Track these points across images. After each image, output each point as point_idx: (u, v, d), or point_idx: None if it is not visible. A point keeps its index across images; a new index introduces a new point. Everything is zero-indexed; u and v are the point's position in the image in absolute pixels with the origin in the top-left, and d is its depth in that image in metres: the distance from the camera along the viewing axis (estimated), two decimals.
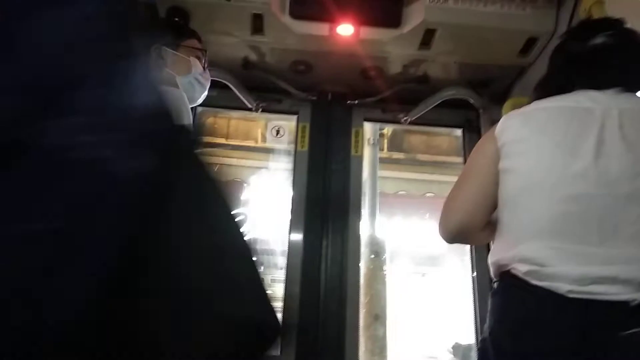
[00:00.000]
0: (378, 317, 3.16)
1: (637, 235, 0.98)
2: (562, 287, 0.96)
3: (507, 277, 1.07)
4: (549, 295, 0.97)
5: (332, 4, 2.07)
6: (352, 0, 2.06)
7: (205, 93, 1.59)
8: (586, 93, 1.16)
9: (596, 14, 1.69)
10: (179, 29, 1.54)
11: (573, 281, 0.96)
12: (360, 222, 2.50)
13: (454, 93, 2.40)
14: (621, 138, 1.06)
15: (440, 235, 1.26)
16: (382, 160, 4.37)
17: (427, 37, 2.14)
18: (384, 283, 3.33)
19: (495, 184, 1.15)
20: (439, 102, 2.41)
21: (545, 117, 1.15)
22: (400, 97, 2.46)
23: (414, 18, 2.07)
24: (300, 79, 2.44)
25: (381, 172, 4.07)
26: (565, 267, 0.98)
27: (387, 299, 3.30)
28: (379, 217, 3.86)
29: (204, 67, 1.56)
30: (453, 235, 1.24)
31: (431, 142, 7.49)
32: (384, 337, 3.17)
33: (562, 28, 2.05)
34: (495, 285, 1.15)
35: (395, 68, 2.36)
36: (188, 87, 1.49)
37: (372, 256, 3.39)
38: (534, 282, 1.00)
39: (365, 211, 3.87)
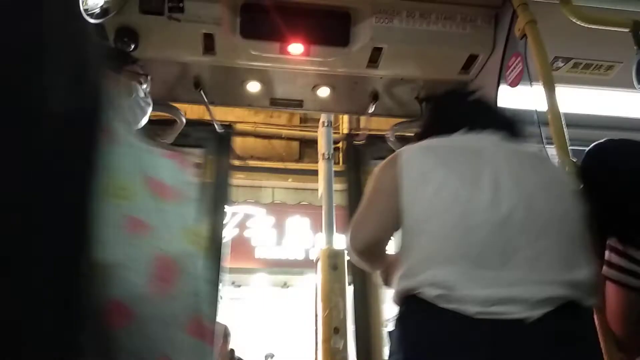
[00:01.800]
0: (338, 330, 3.19)
1: (529, 260, 1.11)
2: (470, 309, 1.04)
3: (414, 301, 1.12)
4: (459, 317, 1.04)
5: (282, 23, 2.12)
6: (302, 19, 2.11)
7: (146, 118, 1.61)
8: (474, 135, 1.34)
9: (529, 33, 1.81)
10: (122, 54, 1.56)
11: (479, 303, 1.05)
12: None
13: (401, 109, 2.49)
14: (509, 175, 1.21)
15: (350, 249, 1.32)
16: (338, 174, 4.43)
17: (375, 55, 2.21)
18: (343, 296, 3.36)
19: (398, 209, 1.23)
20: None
21: (446, 152, 1.29)
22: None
23: (362, 37, 2.15)
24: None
25: (337, 186, 4.14)
26: (471, 290, 1.06)
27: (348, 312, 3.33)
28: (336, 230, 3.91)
29: (145, 93, 1.57)
30: (362, 250, 1.31)
31: (386, 155, 7.69)
32: (344, 350, 3.20)
33: (500, 45, 2.18)
34: (402, 310, 1.20)
35: (344, 86, 2.42)
36: (129, 110, 1.50)
37: (331, 269, 3.42)
38: (444, 305, 1.07)
39: (323, 225, 3.92)
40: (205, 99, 2.38)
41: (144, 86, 1.57)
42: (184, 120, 2.42)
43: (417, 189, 1.21)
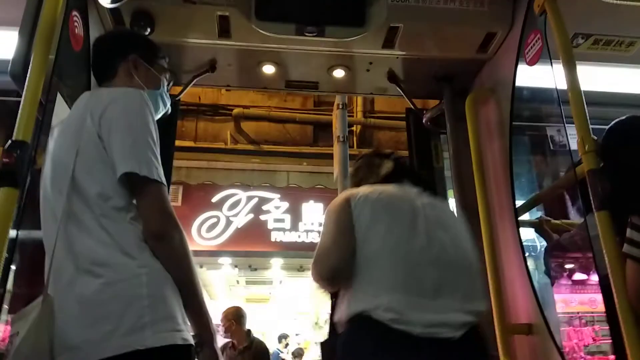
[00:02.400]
0: None
1: (452, 293, 1.41)
2: (415, 330, 1.33)
3: (368, 321, 1.36)
4: (408, 336, 1.33)
5: (297, 4, 2.11)
6: (317, 0, 2.09)
7: (163, 113, 1.63)
8: (402, 186, 1.62)
9: (549, 9, 1.77)
10: (154, 47, 1.57)
11: (421, 325, 1.34)
12: None
13: (418, 89, 2.46)
14: (435, 222, 1.51)
15: (315, 278, 1.53)
16: (352, 157, 4.43)
17: (391, 35, 2.19)
18: None
19: (354, 245, 1.47)
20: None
21: (389, 199, 1.54)
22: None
23: (378, 16, 2.12)
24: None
25: (352, 169, 4.14)
26: (415, 315, 1.35)
27: None
28: None
29: (167, 91, 1.60)
30: (327, 278, 1.51)
31: (399, 138, 7.62)
32: None
33: (519, 23, 2.14)
34: (352, 326, 1.41)
35: (360, 66, 2.40)
36: (153, 102, 1.52)
37: None
38: (396, 326, 1.34)
39: None
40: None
41: (167, 84, 1.59)
42: None
43: (370, 230, 1.47)
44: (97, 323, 1.09)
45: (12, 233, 1.46)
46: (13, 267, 1.58)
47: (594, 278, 2.78)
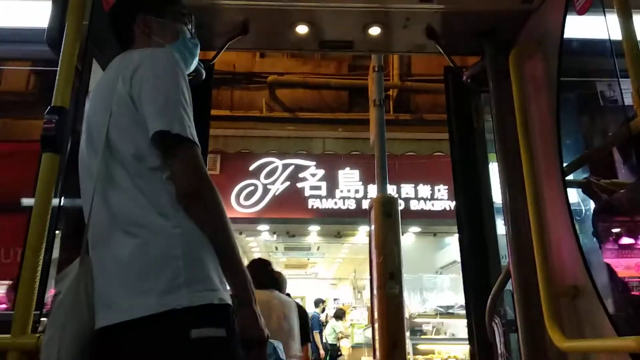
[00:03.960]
0: (393, 276, 3.20)
1: None
2: None
3: None
4: None
5: None
6: None
7: (196, 60, 1.57)
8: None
9: None
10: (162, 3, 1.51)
11: None
12: None
13: (458, 45, 2.35)
14: None
15: None
16: (389, 122, 4.34)
17: None
18: (397, 243, 3.36)
19: None
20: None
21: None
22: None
23: None
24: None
25: (388, 134, 4.06)
26: None
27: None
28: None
29: (191, 33, 1.54)
30: None
31: (436, 101, 7.42)
32: (400, 295, 3.22)
33: None
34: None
35: (397, 23, 2.31)
36: (179, 55, 1.47)
37: (385, 217, 3.40)
38: None
39: (375, 172, 3.89)
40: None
41: (189, 26, 1.53)
42: None
43: None
44: (133, 282, 1.11)
45: (55, 201, 1.51)
46: (58, 231, 1.64)
47: None
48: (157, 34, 1.43)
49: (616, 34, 1.61)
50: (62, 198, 1.60)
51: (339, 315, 10.09)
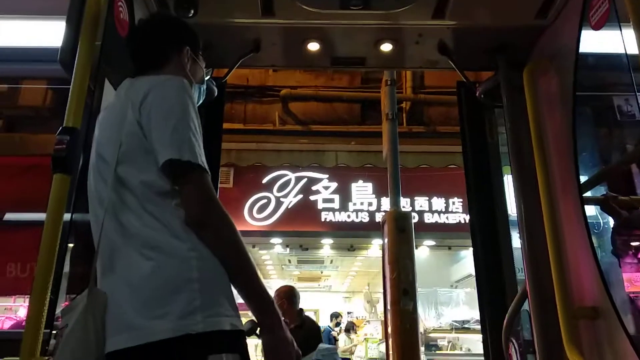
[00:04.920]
0: (407, 292, 3.16)
1: None
2: None
3: None
4: None
5: None
6: None
7: (203, 99, 1.69)
8: None
9: None
10: (199, 41, 1.59)
11: None
12: None
13: (470, 61, 2.33)
14: None
15: None
16: (402, 135, 4.31)
17: (441, 3, 2.08)
18: (411, 258, 3.32)
19: None
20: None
21: None
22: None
23: None
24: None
25: (401, 147, 4.03)
26: None
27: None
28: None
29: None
30: None
31: (450, 114, 7.37)
32: (414, 311, 3.17)
33: None
34: None
35: (409, 39, 2.30)
36: (197, 94, 1.58)
37: (399, 231, 3.36)
38: None
39: (388, 186, 3.86)
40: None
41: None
42: None
43: None
44: (149, 305, 1.10)
45: (67, 217, 1.52)
46: (69, 252, 1.65)
47: None
48: (192, 70, 1.49)
49: (633, 48, 1.58)
50: (73, 214, 1.61)
51: (349, 329, 9.97)
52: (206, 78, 1.66)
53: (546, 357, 1.92)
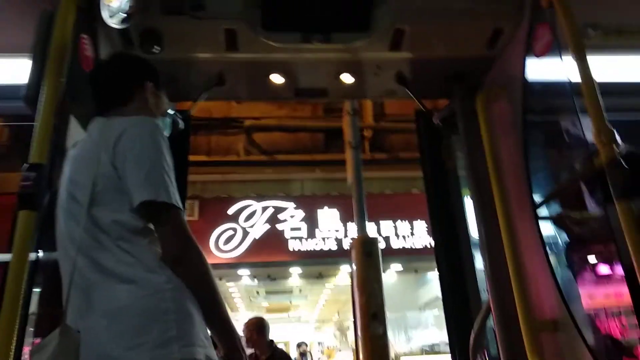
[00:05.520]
0: (376, 316, 3.19)
1: None
2: None
3: None
4: None
5: (303, 13, 2.11)
6: (321, 6, 2.10)
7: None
8: None
9: (557, 1, 1.76)
10: (159, 76, 1.63)
11: None
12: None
13: (427, 90, 2.44)
14: None
15: None
16: (365, 162, 4.41)
17: (397, 37, 2.18)
18: (379, 282, 3.36)
19: None
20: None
21: None
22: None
23: (383, 20, 2.12)
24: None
25: (365, 174, 4.12)
26: None
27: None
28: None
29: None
30: None
31: (411, 140, 7.59)
32: (384, 336, 3.20)
33: (526, 17, 2.12)
34: None
35: (368, 70, 2.40)
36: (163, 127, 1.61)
37: (366, 256, 3.41)
38: None
39: (354, 213, 3.92)
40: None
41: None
42: None
43: None
44: (125, 336, 1.10)
45: (33, 255, 1.49)
46: (36, 289, 1.61)
47: (619, 271, 2.73)
48: (155, 104, 1.51)
49: (575, 76, 1.71)
50: (39, 253, 1.58)
51: (303, 353, 9.73)
52: (171, 112, 1.69)
53: None
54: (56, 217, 1.33)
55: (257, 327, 4.29)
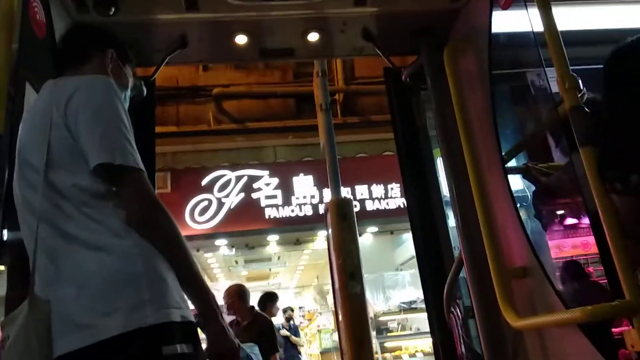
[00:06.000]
0: (353, 276, 3.24)
1: None
2: None
3: None
4: None
5: None
6: None
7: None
8: None
9: None
10: (128, 53, 1.57)
11: None
12: None
13: (395, 46, 2.42)
14: None
15: None
16: (337, 126, 4.39)
17: None
18: (355, 243, 3.40)
19: None
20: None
21: None
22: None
23: None
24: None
25: (338, 138, 4.10)
26: None
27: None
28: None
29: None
30: None
31: (382, 102, 7.58)
32: (362, 294, 3.26)
33: None
34: None
35: (334, 28, 2.35)
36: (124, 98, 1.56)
37: (341, 219, 3.44)
38: None
39: (328, 176, 3.92)
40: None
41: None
42: None
43: None
44: (97, 303, 1.09)
45: None
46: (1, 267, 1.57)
47: (585, 220, 2.81)
48: (115, 72, 1.45)
49: (539, 26, 1.71)
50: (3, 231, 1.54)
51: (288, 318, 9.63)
52: (131, 78, 1.63)
53: (484, 318, 2.06)
54: (13, 186, 1.28)
55: (238, 293, 4.33)
